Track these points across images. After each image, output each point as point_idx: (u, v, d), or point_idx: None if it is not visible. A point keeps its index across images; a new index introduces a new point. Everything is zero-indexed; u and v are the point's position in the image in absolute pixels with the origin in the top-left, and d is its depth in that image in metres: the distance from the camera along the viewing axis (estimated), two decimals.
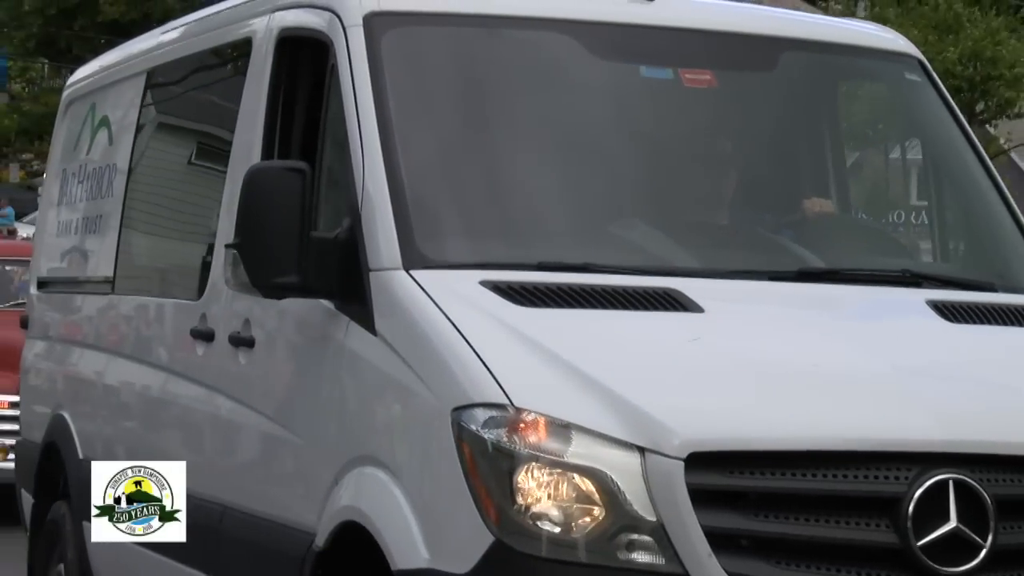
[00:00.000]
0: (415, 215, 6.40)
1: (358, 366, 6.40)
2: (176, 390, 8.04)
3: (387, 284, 6.29)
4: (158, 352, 8.40)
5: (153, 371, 8.39)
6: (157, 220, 8.92)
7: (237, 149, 7.60)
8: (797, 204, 7.19)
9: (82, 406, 9.40)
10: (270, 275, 6.46)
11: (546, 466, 5.60)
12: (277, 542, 6.87)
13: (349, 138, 6.62)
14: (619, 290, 6.20)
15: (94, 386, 9.24)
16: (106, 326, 9.19)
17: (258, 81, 7.48)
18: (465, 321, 5.99)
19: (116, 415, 8.94)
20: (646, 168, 6.99)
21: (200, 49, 8.50)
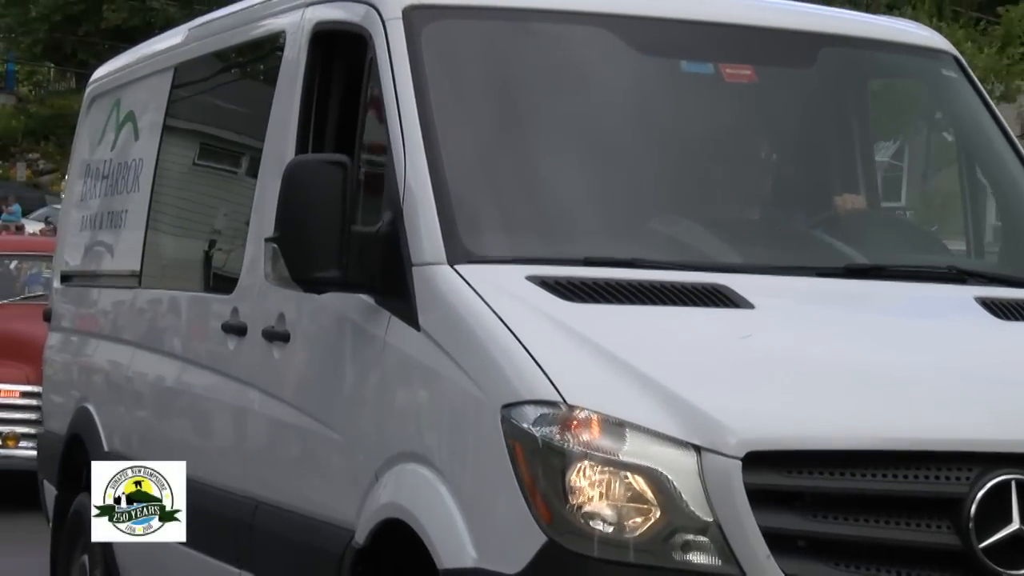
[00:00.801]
0: (459, 210, 6.02)
1: (400, 361, 6.02)
2: (206, 384, 7.63)
3: (431, 279, 5.91)
4: (187, 346, 7.99)
5: (182, 365, 7.99)
6: (185, 215, 8.50)
7: (270, 144, 7.20)
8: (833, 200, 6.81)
9: (107, 398, 8.99)
10: (310, 269, 6.07)
11: (600, 465, 5.22)
12: (313, 538, 6.48)
13: (389, 132, 6.23)
14: (668, 286, 5.82)
15: (119, 379, 8.83)
16: (132, 320, 8.77)
17: (292, 75, 7.08)
18: (513, 317, 5.61)
19: (142, 408, 8.53)
20: (688, 164, 6.60)
21: (229, 45, 8.10)
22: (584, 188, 6.37)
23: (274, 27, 7.44)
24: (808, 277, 6.18)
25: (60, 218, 10.61)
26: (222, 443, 7.48)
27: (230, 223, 7.87)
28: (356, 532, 6.09)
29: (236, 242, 7.54)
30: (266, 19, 7.60)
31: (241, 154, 7.84)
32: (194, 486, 7.57)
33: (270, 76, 7.42)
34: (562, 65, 6.58)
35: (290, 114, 7.02)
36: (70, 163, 10.34)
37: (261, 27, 7.65)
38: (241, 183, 7.76)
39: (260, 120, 7.45)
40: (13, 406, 14.73)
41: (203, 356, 7.71)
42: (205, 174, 8.41)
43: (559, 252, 6.07)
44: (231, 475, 7.27)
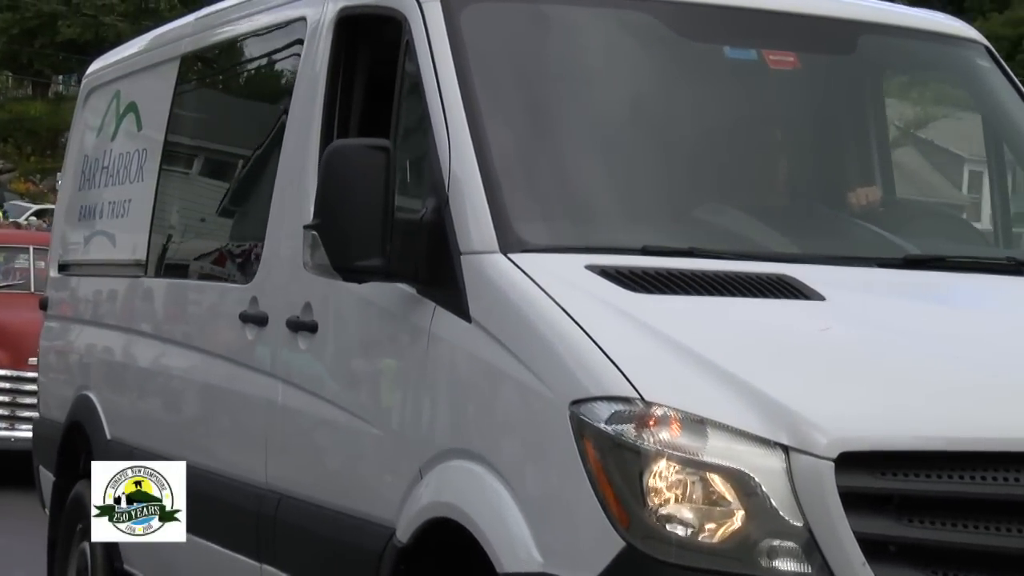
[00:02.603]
0: (509, 197, 5.17)
1: (448, 353, 5.16)
2: (221, 374, 6.72)
3: (482, 268, 5.06)
4: (199, 335, 7.06)
5: (192, 354, 7.06)
6: (197, 204, 7.57)
7: (292, 130, 6.32)
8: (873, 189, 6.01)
9: (109, 387, 8.06)
10: (352, 258, 5.21)
11: (680, 465, 4.39)
12: (346, 534, 5.62)
13: (431, 117, 5.38)
14: (732, 276, 4.99)
15: (123, 367, 7.90)
16: (138, 309, 7.81)
17: (315, 60, 6.20)
18: (578, 308, 4.76)
19: (148, 396, 7.62)
20: (735, 151, 5.75)
21: (243, 32, 7.17)
22: (635, 175, 5.53)
23: (293, 13, 6.54)
24: (870, 268, 5.37)
25: (56, 208, 9.63)
26: (238, 434, 6.59)
27: (245, 212, 6.98)
28: (398, 530, 5.24)
29: (253, 231, 6.65)
30: (284, 6, 6.70)
31: (257, 142, 6.92)
32: (205, 475, 6.71)
33: (290, 63, 6.55)
34: (605, 49, 5.74)
35: (314, 101, 6.14)
36: (66, 154, 9.37)
37: (278, 14, 6.75)
38: (257, 172, 6.87)
39: (279, 108, 6.58)
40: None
41: (218, 345, 6.80)
42: (217, 163, 7.48)
43: (616, 241, 5.23)
44: (248, 466, 6.38)
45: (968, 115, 6.73)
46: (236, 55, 7.29)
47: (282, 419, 6.19)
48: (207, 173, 7.53)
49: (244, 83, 7.31)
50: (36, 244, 16.36)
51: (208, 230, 7.43)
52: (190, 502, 6.83)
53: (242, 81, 7.32)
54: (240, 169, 7.10)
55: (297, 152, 6.20)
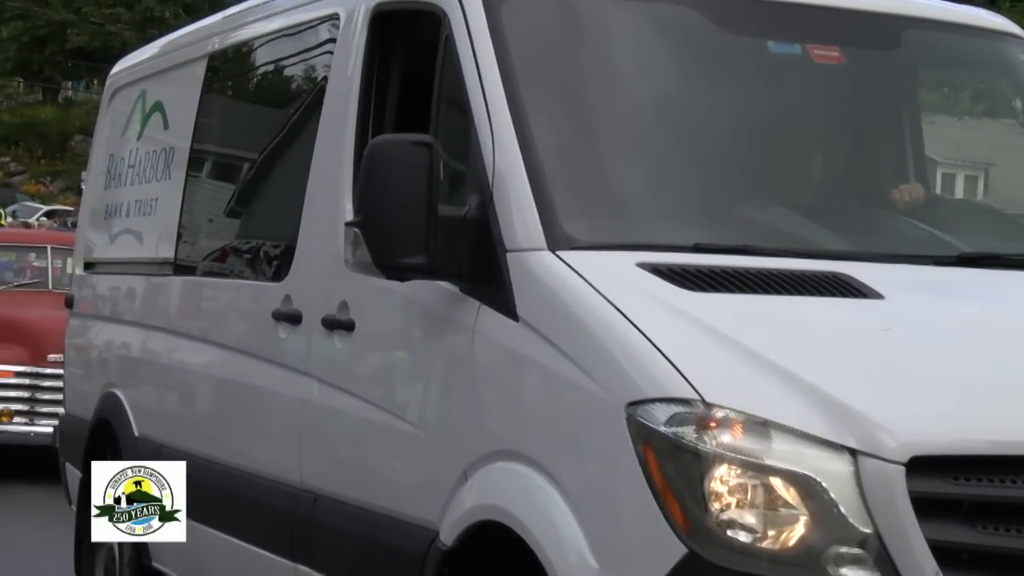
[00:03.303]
0: (556, 193, 4.83)
1: (494, 352, 4.82)
2: (253, 372, 6.37)
3: (529, 266, 4.73)
4: (229, 333, 6.70)
5: (223, 352, 6.71)
6: (227, 202, 7.20)
7: (325, 127, 5.98)
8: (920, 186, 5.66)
9: (137, 384, 7.71)
10: (395, 255, 4.87)
11: (743, 469, 4.06)
12: (386, 535, 5.28)
13: (473, 113, 5.04)
14: (787, 274, 4.64)
15: (151, 365, 7.54)
16: (166, 307, 7.46)
17: (349, 57, 5.86)
18: (631, 306, 4.42)
19: (177, 394, 7.27)
20: (782, 147, 5.39)
21: (272, 29, 6.81)
22: (682, 171, 5.18)
23: (326, 10, 6.20)
24: (925, 266, 5.02)
25: (81, 207, 9.27)
26: (271, 432, 6.24)
27: (276, 210, 6.63)
28: (441, 533, 4.91)
29: (285, 229, 6.31)
30: (315, 2, 6.35)
31: (288, 140, 6.58)
32: (236, 474, 6.38)
33: (322, 59, 6.21)
34: (648, 44, 5.40)
35: (348, 98, 5.80)
36: (91, 154, 9.01)
37: (310, 11, 6.40)
38: (287, 170, 6.53)
39: (311, 105, 6.24)
40: (8, 385, 13.88)
41: (249, 344, 6.44)
42: (249, 160, 7.05)
43: (666, 238, 4.88)
44: (282, 465, 6.04)
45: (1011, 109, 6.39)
46: (265, 53, 6.92)
47: (317, 418, 5.85)
48: (235, 171, 7.17)
49: (274, 81, 6.95)
50: (54, 243, 16.19)
51: (237, 228, 7.08)
52: (222, 500, 6.52)
53: (272, 79, 6.96)
54: (270, 167, 6.73)
55: (331, 149, 5.87)
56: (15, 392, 13.84)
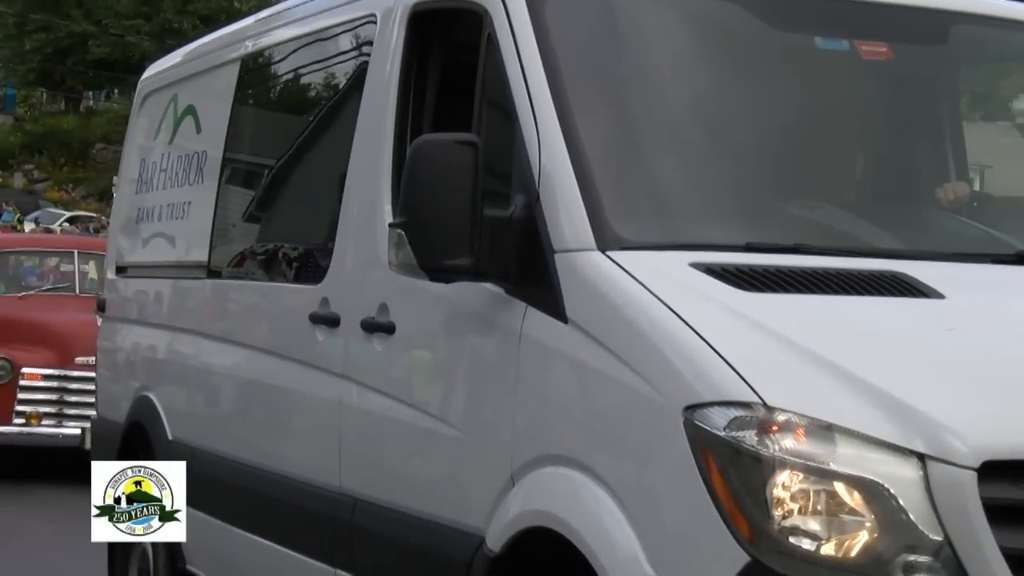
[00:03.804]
0: (604, 192, 4.58)
1: (542, 355, 4.57)
2: (290, 376, 6.12)
3: (578, 267, 4.48)
4: (265, 336, 6.45)
5: (258, 355, 6.46)
6: (261, 204, 6.94)
7: (363, 129, 5.73)
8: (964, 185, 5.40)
9: (171, 387, 7.46)
10: (440, 257, 4.63)
11: (807, 474, 3.81)
12: (430, 540, 5.04)
13: (517, 111, 4.80)
14: (844, 274, 4.39)
15: (185, 368, 7.29)
16: (200, 310, 7.21)
17: (386, 57, 5.62)
18: (686, 307, 4.18)
19: (212, 398, 7.03)
20: (830, 145, 5.13)
21: (308, 31, 6.56)
22: (732, 169, 4.92)
23: (362, 11, 5.95)
24: (984, 264, 4.76)
25: (113, 211, 9.02)
26: (308, 436, 5.99)
27: (312, 212, 6.38)
28: (488, 539, 4.67)
29: (322, 231, 6.08)
30: (352, 3, 6.11)
31: (323, 141, 6.34)
32: (273, 478, 6.15)
33: (358, 60, 5.97)
34: (694, 40, 5.14)
35: (386, 98, 5.56)
36: (122, 159, 8.75)
37: (346, 12, 6.16)
38: (323, 172, 6.29)
39: (346, 107, 6.00)
40: (36, 387, 13.74)
41: (286, 347, 6.20)
42: (284, 162, 6.79)
43: (718, 237, 4.63)
44: (320, 470, 5.80)
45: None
46: (300, 55, 6.67)
47: (356, 422, 5.61)
48: (269, 174, 6.90)
49: (308, 83, 6.70)
50: (81, 248, 16.04)
51: (272, 230, 6.82)
52: (257, 504, 6.28)
53: (306, 81, 6.71)
54: (304, 169, 6.48)
55: (369, 151, 5.63)
56: (43, 395, 13.70)
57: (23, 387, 13.64)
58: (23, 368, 13.64)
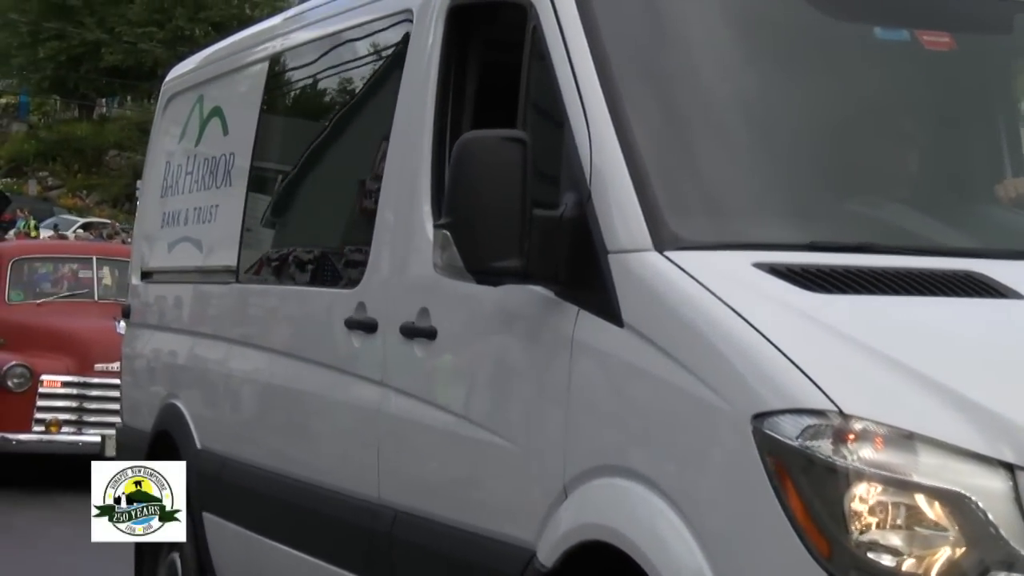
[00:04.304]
0: (660, 190, 4.34)
1: (596, 361, 4.34)
2: (324, 383, 5.88)
3: (634, 268, 4.24)
4: (298, 342, 6.19)
5: (291, 361, 6.20)
6: (292, 207, 6.69)
7: (400, 128, 5.50)
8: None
9: (199, 395, 7.21)
10: (488, 259, 4.39)
11: (887, 486, 3.58)
12: (476, 554, 4.79)
13: (566, 107, 4.57)
14: (914, 273, 4.14)
15: (214, 375, 7.04)
16: (229, 315, 6.95)
17: (423, 54, 5.38)
18: (752, 309, 3.94)
19: (242, 406, 6.78)
20: (891, 139, 4.85)
21: (340, 28, 6.30)
22: (792, 164, 4.66)
23: (398, 6, 5.71)
24: None
25: (137, 216, 8.77)
26: (345, 446, 5.74)
27: (346, 214, 6.14)
28: (539, 553, 4.43)
29: (357, 233, 5.84)
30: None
31: (357, 141, 6.10)
32: (307, 488, 5.91)
33: (394, 57, 5.74)
34: (749, 32, 4.87)
35: (425, 95, 5.32)
36: (146, 162, 8.51)
37: (379, 8, 5.91)
38: (357, 172, 6.04)
39: (381, 105, 5.77)
40: (56, 395, 13.52)
41: (320, 353, 5.96)
42: (312, 164, 6.56)
43: (780, 236, 4.37)
44: (357, 480, 5.56)
45: None
46: (332, 53, 6.41)
47: (395, 430, 5.37)
48: (301, 175, 6.64)
49: (341, 81, 6.44)
50: (99, 254, 15.87)
51: (304, 233, 6.56)
52: (291, 514, 6.05)
53: (339, 79, 6.45)
54: (338, 170, 6.22)
55: (406, 150, 5.39)
56: (63, 402, 13.50)
57: (42, 395, 13.45)
58: (42, 375, 13.45)
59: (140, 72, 58.14)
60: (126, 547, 7.30)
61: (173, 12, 56.77)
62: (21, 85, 64.24)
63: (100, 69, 58.66)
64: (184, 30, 56.66)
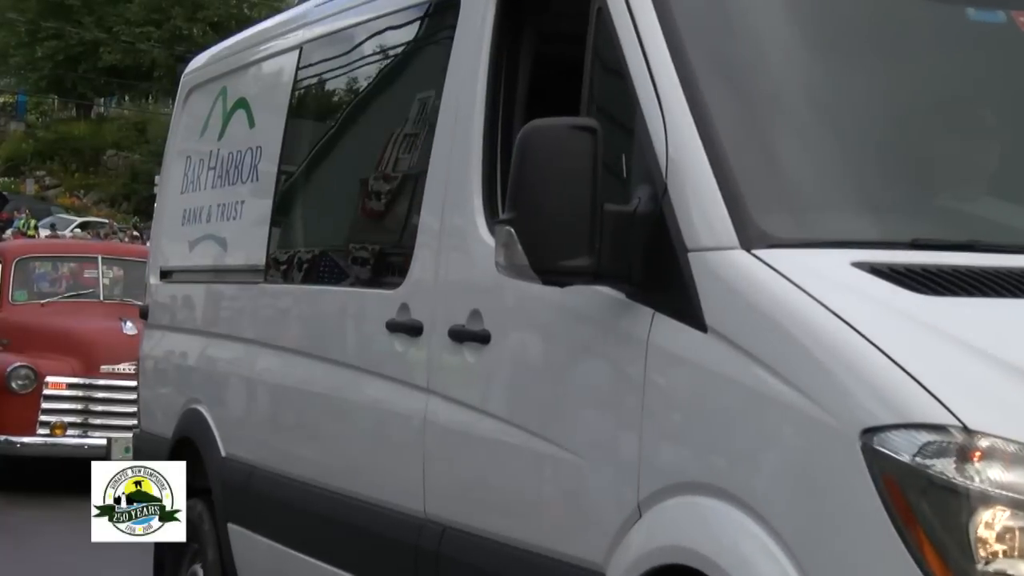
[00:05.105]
0: (745, 183, 3.98)
1: (675, 369, 3.97)
2: (362, 388, 5.50)
3: (720, 267, 3.88)
4: (333, 346, 5.80)
5: (326, 366, 5.82)
6: (325, 202, 6.29)
7: (446, 117, 5.13)
8: None
9: (224, 400, 6.82)
10: (557, 257, 4.02)
11: (1019, 510, 3.21)
12: (537, 575, 4.43)
13: (638, 94, 4.20)
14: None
15: (240, 380, 6.64)
16: (257, 317, 6.55)
17: (473, 38, 5.02)
18: (856, 314, 3.57)
19: (272, 412, 6.38)
20: (990, 129, 4.45)
21: (379, 13, 5.92)
22: (887, 155, 4.27)
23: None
24: None
25: (155, 214, 8.36)
26: (387, 456, 5.35)
27: (386, 209, 5.74)
28: (607, 574, 4.07)
29: (399, 230, 5.47)
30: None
31: (396, 132, 5.70)
32: (343, 500, 5.54)
33: (439, 43, 5.36)
34: (834, 12, 4.50)
35: (474, 84, 4.96)
36: (164, 157, 8.12)
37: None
38: (398, 165, 5.66)
39: (424, 93, 5.40)
40: (60, 397, 13.14)
41: (358, 357, 5.58)
42: (346, 157, 6.17)
43: (879, 233, 3.99)
44: (401, 493, 5.19)
45: None
46: (369, 39, 6.01)
47: (443, 440, 5.00)
48: (334, 169, 6.24)
49: (379, 68, 6.05)
50: (105, 253, 15.52)
51: (340, 230, 6.13)
52: (327, 528, 5.67)
53: (376, 66, 6.06)
54: (375, 163, 5.82)
55: (455, 141, 5.02)
56: (68, 404, 13.14)
57: (47, 396, 13.11)
58: (47, 377, 13.12)
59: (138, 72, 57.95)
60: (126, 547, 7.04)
61: (171, 12, 56.54)
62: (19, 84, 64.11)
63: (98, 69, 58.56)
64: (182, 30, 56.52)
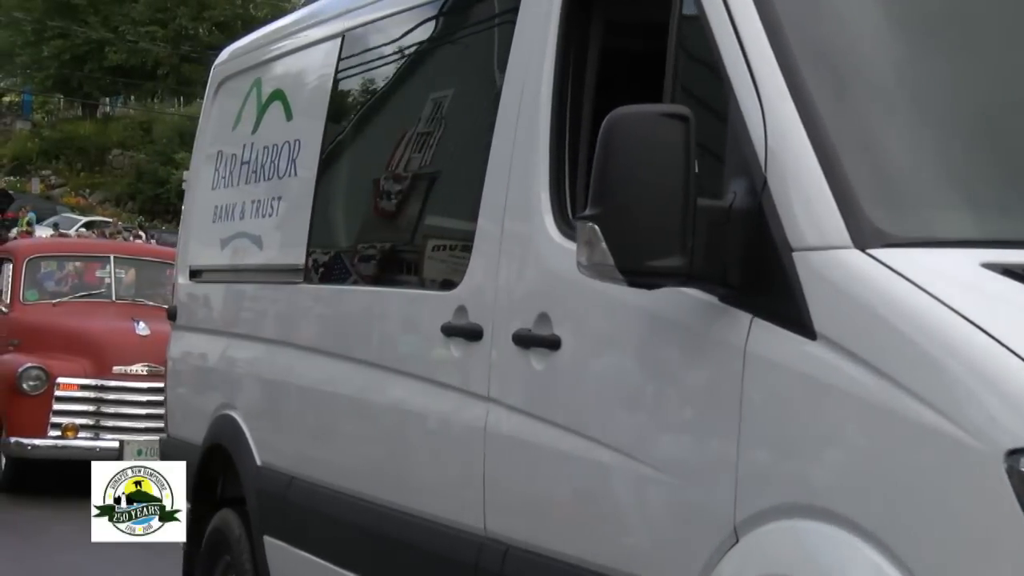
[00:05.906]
0: (856, 177, 3.62)
1: (779, 379, 3.61)
2: (414, 396, 5.14)
3: (830, 269, 3.52)
4: (382, 350, 5.44)
5: (373, 372, 5.45)
6: (371, 198, 5.90)
7: (507, 108, 4.77)
8: None
9: (259, 406, 6.45)
10: (646, 256, 3.66)
11: None
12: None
13: (732, 80, 3.85)
14: None
15: (278, 385, 6.27)
16: (297, 319, 6.19)
17: (539, 22, 4.66)
18: (993, 321, 3.21)
19: (314, 420, 5.99)
20: None
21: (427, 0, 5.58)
22: (1014, 145, 3.87)
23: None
24: None
25: (184, 210, 7.99)
26: (443, 469, 4.99)
27: (440, 205, 5.38)
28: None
29: (455, 227, 5.12)
30: None
31: (452, 123, 5.34)
32: (396, 516, 5.18)
33: (499, 29, 5.01)
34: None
35: (539, 72, 4.60)
36: (194, 152, 7.75)
37: None
38: (454, 158, 5.31)
39: (483, 82, 5.06)
40: (72, 398, 12.94)
41: (409, 363, 5.22)
42: (395, 151, 5.76)
43: (1010, 231, 3.63)
44: (458, 509, 4.83)
45: None
46: (420, 26, 5.65)
47: (506, 453, 4.63)
48: (381, 162, 5.82)
49: (429, 57, 5.69)
50: (117, 253, 15.26)
51: (387, 227, 5.72)
52: (376, 545, 5.31)
53: (427, 55, 5.70)
54: (427, 157, 5.44)
55: (518, 132, 4.66)
56: (80, 406, 12.92)
57: (59, 398, 12.90)
58: (58, 378, 12.90)
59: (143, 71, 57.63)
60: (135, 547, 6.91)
61: (176, 11, 56.27)
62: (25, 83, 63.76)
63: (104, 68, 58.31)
64: (187, 29, 56.31)
